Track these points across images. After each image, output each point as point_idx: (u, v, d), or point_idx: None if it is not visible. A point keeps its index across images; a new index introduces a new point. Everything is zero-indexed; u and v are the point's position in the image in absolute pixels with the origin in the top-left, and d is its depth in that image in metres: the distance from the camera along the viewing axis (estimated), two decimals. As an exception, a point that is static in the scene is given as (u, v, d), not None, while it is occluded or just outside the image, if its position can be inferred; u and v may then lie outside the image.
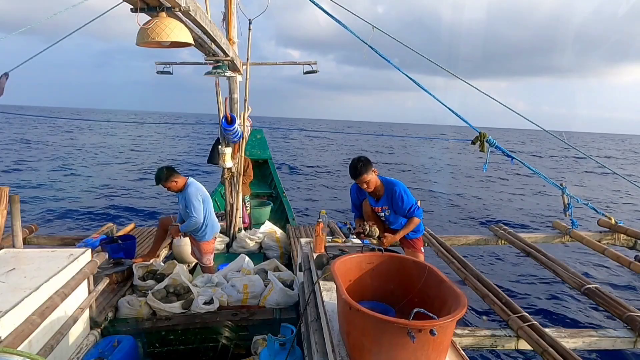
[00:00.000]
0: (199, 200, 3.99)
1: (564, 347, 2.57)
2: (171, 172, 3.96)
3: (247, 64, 4.94)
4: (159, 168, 4.02)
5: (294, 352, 2.60)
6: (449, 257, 4.26)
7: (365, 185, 3.32)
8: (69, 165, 16.74)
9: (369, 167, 3.26)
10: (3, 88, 3.69)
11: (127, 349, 2.82)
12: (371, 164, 3.29)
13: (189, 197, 3.95)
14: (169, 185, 3.94)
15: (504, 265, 6.85)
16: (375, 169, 3.29)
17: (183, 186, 4.01)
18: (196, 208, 3.95)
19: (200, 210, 4.00)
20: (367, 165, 3.26)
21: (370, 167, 3.27)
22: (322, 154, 25.42)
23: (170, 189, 3.99)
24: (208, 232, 4.14)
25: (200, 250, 4.17)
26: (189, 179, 4.08)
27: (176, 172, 4.00)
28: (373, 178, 3.28)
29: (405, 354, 1.56)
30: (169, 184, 3.93)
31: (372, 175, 3.27)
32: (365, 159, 3.30)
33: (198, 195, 4.00)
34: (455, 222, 9.71)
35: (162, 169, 3.97)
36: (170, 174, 3.93)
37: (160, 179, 3.92)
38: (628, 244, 4.93)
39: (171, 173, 3.94)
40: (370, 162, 3.30)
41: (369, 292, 2.09)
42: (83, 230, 8.37)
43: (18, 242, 3.00)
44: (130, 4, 2.24)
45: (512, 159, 4.60)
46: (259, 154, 9.17)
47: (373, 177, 3.28)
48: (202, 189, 4.12)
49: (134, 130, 35.37)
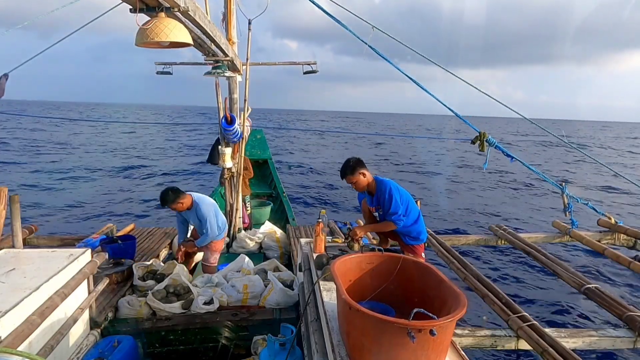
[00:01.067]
0: (213, 216, 4.01)
1: (563, 347, 2.57)
2: (177, 194, 3.86)
3: (246, 64, 4.94)
4: (164, 190, 3.91)
5: (294, 352, 2.60)
6: (449, 257, 4.26)
7: (354, 186, 3.35)
8: (69, 165, 16.74)
9: (356, 168, 3.27)
10: (4, 89, 3.68)
11: (127, 349, 2.82)
12: (360, 166, 3.29)
13: (205, 215, 3.93)
14: (175, 207, 3.87)
15: (504, 265, 6.85)
16: (363, 171, 3.28)
17: (191, 204, 3.95)
18: (212, 225, 3.98)
19: (215, 224, 4.04)
20: (354, 167, 3.28)
21: (357, 169, 3.27)
22: (323, 151, 25.39)
23: (177, 209, 3.93)
24: (220, 232, 4.18)
25: (210, 248, 4.18)
26: (194, 197, 4.00)
27: (181, 193, 3.90)
28: (360, 179, 3.28)
29: (405, 354, 1.56)
30: (176, 205, 3.85)
31: (358, 177, 3.27)
32: (355, 161, 3.31)
33: (212, 211, 3.99)
34: (455, 222, 9.71)
35: (167, 191, 3.87)
36: (177, 196, 3.84)
37: (167, 202, 3.83)
38: (628, 243, 4.93)
39: (177, 195, 3.84)
40: (358, 164, 3.30)
41: (369, 292, 2.09)
42: (83, 230, 8.37)
43: (18, 242, 3.01)
44: (130, 4, 2.23)
45: (512, 158, 4.60)
46: (259, 154, 9.17)
47: (360, 178, 3.27)
48: (211, 203, 4.07)
49: (136, 129, 35.25)
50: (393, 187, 3.27)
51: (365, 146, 28.95)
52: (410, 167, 19.53)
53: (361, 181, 3.29)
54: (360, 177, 3.28)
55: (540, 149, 29.29)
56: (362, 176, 3.28)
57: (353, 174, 3.27)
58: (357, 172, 3.27)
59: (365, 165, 3.34)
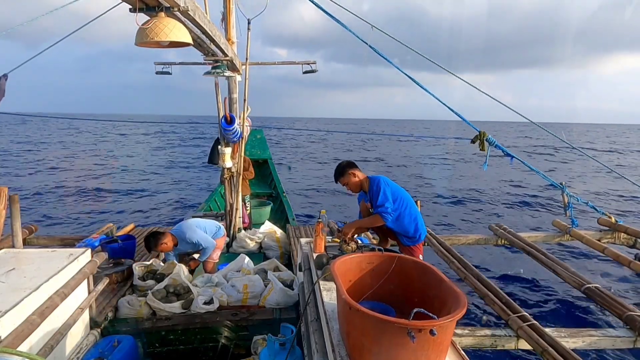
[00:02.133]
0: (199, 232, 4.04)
1: (563, 347, 2.57)
2: (156, 237, 3.86)
3: (246, 64, 4.93)
4: (144, 239, 3.98)
5: (294, 352, 2.60)
6: (449, 257, 4.26)
7: (347, 187, 3.39)
8: (69, 166, 16.74)
9: (346, 170, 3.32)
10: (4, 90, 3.67)
11: (127, 349, 2.82)
12: (349, 167, 3.34)
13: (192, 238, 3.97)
14: (161, 249, 3.91)
15: (504, 265, 6.84)
16: (354, 171, 3.32)
17: (175, 242, 3.98)
18: (203, 238, 4.03)
19: (206, 235, 4.08)
20: (344, 169, 3.33)
21: (347, 170, 3.32)
22: (322, 152, 25.38)
23: (164, 250, 3.96)
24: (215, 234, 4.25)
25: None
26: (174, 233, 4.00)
27: (160, 234, 3.89)
28: (352, 180, 3.32)
29: (405, 354, 1.56)
30: (161, 247, 3.87)
31: (349, 178, 3.31)
32: (346, 164, 3.37)
33: (196, 231, 4.02)
34: (455, 222, 9.71)
35: (148, 238, 3.90)
36: (158, 240, 3.83)
37: (150, 248, 3.89)
38: (628, 242, 4.93)
39: (157, 239, 3.84)
40: (348, 165, 3.35)
41: (369, 292, 2.09)
42: (83, 230, 8.36)
43: (18, 242, 3.01)
44: (129, 4, 2.23)
45: (512, 158, 4.60)
46: (259, 154, 9.17)
47: (351, 179, 3.31)
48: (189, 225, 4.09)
49: (135, 137, 35.31)
50: (382, 180, 3.29)
51: (362, 148, 28.94)
52: (410, 167, 19.53)
53: (353, 181, 3.33)
54: (351, 177, 3.31)
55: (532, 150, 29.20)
56: (352, 176, 3.32)
57: (343, 175, 3.33)
58: (347, 174, 3.32)
59: (356, 166, 3.37)
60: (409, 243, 3.42)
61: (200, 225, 4.18)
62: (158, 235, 3.88)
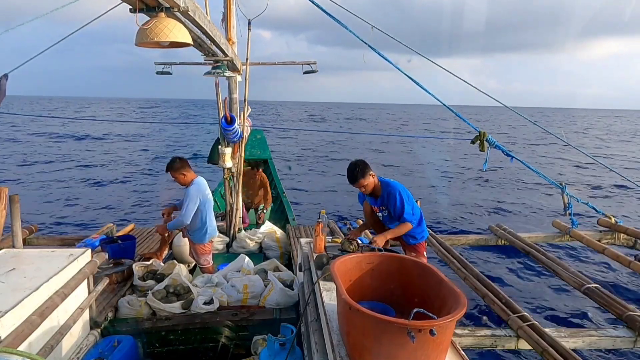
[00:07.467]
0: (195, 203, 3.88)
1: (563, 347, 2.57)
2: (183, 164, 3.89)
3: (246, 64, 4.94)
4: (173, 157, 3.96)
5: (294, 352, 2.60)
6: (449, 257, 4.26)
7: (364, 189, 3.32)
8: (69, 165, 16.74)
9: (367, 171, 3.24)
10: (4, 90, 3.65)
11: (127, 349, 2.82)
12: (368, 167, 3.27)
13: (188, 195, 3.87)
14: (176, 176, 3.88)
15: (504, 265, 6.84)
16: (372, 172, 3.27)
17: (190, 182, 3.92)
18: (188, 209, 3.84)
19: (191, 212, 3.87)
20: (364, 170, 3.24)
21: (367, 171, 3.24)
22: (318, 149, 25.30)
23: (177, 179, 3.92)
24: (204, 236, 4.06)
25: (196, 251, 4.16)
26: (197, 178, 3.98)
27: (188, 166, 3.92)
28: (371, 181, 3.26)
29: (405, 354, 1.56)
30: (177, 174, 3.86)
31: (369, 179, 3.25)
32: (363, 163, 3.28)
33: (197, 197, 3.89)
34: (455, 222, 9.71)
35: (176, 158, 3.91)
36: (182, 166, 3.86)
37: (171, 168, 3.86)
38: (628, 243, 4.93)
39: (183, 165, 3.87)
40: (367, 166, 3.27)
41: (368, 292, 2.09)
42: (83, 230, 8.36)
43: (18, 242, 3.00)
44: (129, 4, 2.23)
45: (512, 158, 4.60)
46: (259, 154, 9.15)
47: (371, 180, 3.26)
48: (204, 190, 3.98)
49: (130, 126, 35.03)
50: (401, 188, 3.28)
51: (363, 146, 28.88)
52: (409, 167, 19.52)
53: (371, 183, 3.28)
54: (370, 178, 3.26)
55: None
56: (371, 177, 3.27)
57: (364, 177, 3.24)
58: (367, 175, 3.25)
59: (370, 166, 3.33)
60: (414, 242, 3.45)
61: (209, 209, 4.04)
62: (186, 165, 3.89)
